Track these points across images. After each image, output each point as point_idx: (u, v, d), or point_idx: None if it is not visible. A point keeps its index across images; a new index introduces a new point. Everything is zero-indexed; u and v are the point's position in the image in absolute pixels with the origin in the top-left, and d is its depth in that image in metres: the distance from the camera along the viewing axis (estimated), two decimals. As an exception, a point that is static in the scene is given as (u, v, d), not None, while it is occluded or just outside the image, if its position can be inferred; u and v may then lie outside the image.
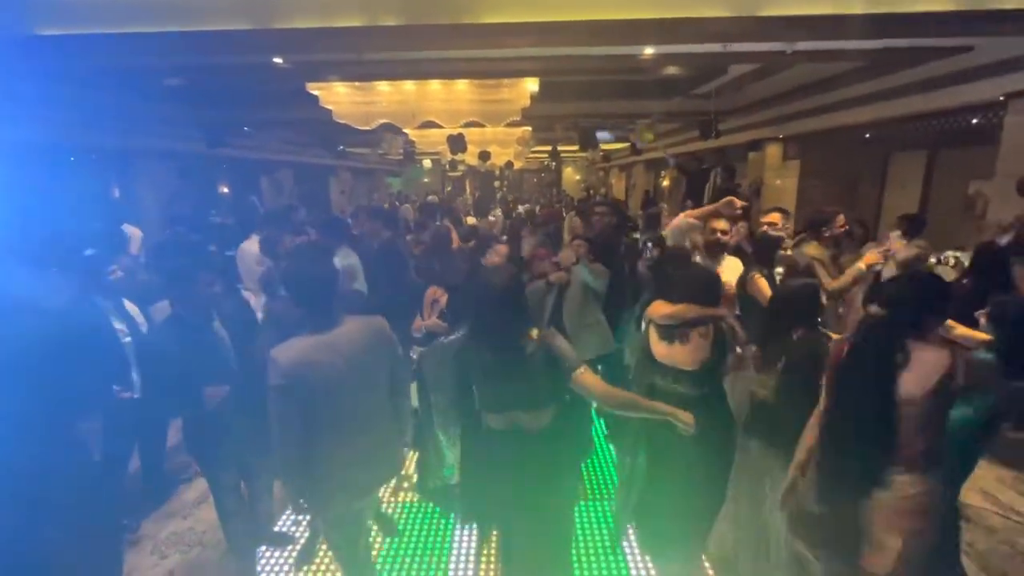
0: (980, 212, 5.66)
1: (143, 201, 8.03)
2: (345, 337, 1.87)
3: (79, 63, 4.26)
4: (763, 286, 2.76)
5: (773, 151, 8.44)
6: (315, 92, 6.08)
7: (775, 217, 3.36)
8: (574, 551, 2.40)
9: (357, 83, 6.01)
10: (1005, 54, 4.07)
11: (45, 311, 2.15)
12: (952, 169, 7.31)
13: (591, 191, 17.47)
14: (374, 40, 3.74)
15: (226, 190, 11.71)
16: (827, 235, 3.43)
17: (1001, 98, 4.29)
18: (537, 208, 11.77)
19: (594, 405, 2.25)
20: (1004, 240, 3.56)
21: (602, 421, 3.92)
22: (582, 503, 3.08)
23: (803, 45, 3.95)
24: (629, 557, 2.69)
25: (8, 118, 5.10)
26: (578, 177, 22.79)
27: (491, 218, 8.34)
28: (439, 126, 7.22)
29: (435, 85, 6.19)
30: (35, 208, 4.40)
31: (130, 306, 2.95)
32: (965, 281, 2.94)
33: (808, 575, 2.05)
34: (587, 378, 1.83)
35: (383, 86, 6.17)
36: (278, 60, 4.31)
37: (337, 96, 6.34)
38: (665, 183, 14.05)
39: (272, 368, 1.74)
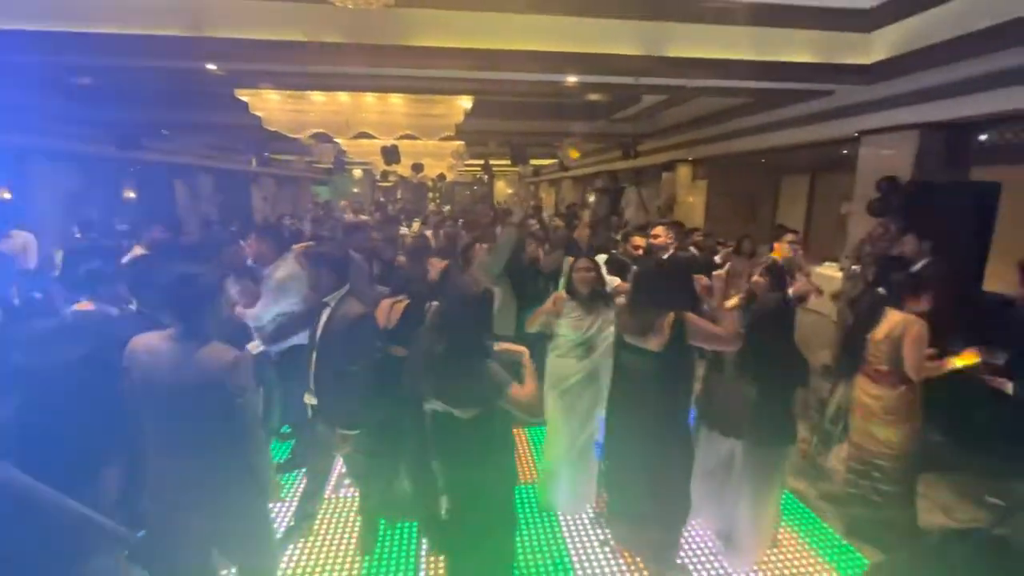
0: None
1: (38, 204, 7.40)
2: (184, 348, 1.76)
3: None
4: None
5: (684, 172, 9.34)
6: (244, 98, 6.00)
7: (659, 229, 3.81)
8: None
9: (290, 92, 6.01)
10: (857, 98, 4.94)
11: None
12: (830, 191, 8.51)
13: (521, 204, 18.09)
14: (313, 55, 3.87)
15: (132, 195, 10.95)
16: None
17: (856, 134, 5.19)
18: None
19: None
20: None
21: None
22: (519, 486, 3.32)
23: (699, 82, 4.58)
24: (567, 538, 2.94)
25: None
26: (510, 191, 23.41)
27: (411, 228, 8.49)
28: (373, 136, 7.32)
29: (370, 98, 6.31)
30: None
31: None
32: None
33: None
34: (517, 395, 1.97)
35: (317, 96, 6.21)
36: (212, 67, 4.30)
37: (268, 103, 6.28)
38: (591, 198, 14.90)
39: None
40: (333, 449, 2.55)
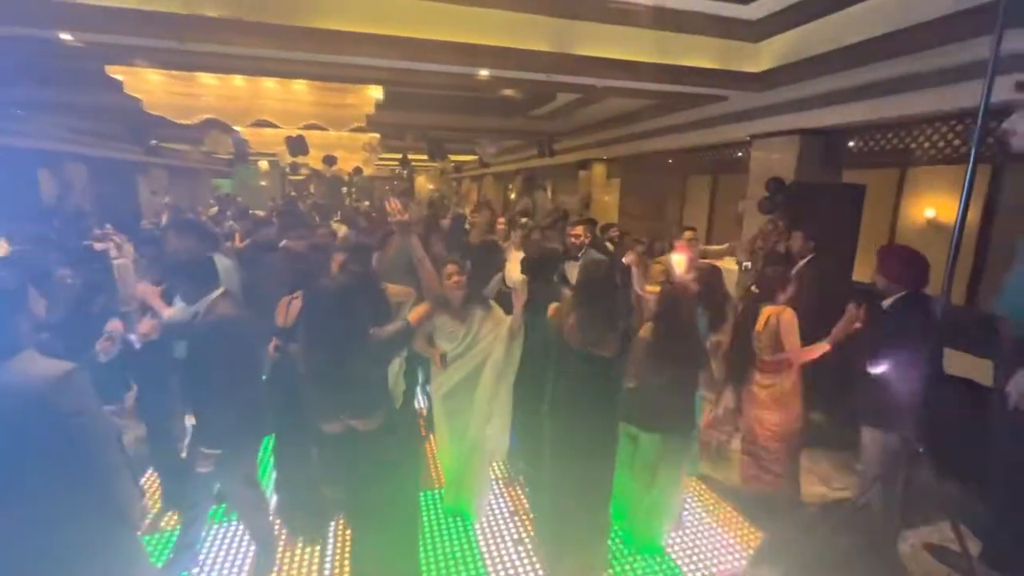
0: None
1: None
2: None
3: None
4: None
5: (599, 170, 9.64)
6: (117, 77, 5.31)
7: (579, 229, 3.86)
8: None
9: (175, 72, 5.40)
10: (748, 104, 5.34)
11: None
12: (729, 190, 9.18)
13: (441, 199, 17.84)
14: (192, 30, 3.47)
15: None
16: None
17: (748, 138, 5.60)
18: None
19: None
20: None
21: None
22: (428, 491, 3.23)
23: (607, 81, 4.70)
24: (480, 539, 2.89)
25: None
26: (431, 186, 22.97)
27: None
28: (276, 126, 6.80)
29: (270, 83, 5.84)
30: None
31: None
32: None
33: None
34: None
35: (208, 79, 5.64)
36: (67, 36, 3.71)
37: (148, 84, 5.60)
38: (512, 195, 15.00)
39: None
40: (197, 468, 2.24)
